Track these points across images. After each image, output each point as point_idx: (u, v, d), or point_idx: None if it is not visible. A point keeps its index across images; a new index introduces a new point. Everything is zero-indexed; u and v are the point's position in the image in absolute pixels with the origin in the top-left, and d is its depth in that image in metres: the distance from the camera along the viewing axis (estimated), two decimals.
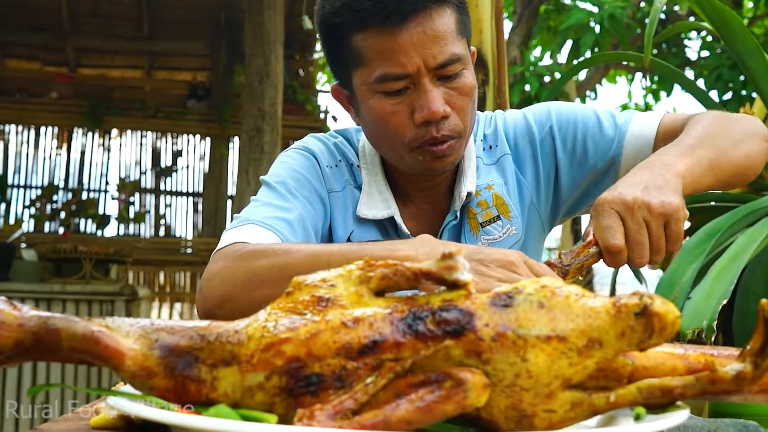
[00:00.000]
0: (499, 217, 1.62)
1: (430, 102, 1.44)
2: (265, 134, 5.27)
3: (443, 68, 1.45)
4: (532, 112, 1.70)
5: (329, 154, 1.69)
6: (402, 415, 0.73)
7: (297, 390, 0.76)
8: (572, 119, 1.64)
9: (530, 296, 0.79)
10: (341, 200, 1.64)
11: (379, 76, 1.45)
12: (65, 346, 0.78)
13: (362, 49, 1.46)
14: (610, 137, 1.60)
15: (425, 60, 1.43)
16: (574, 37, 7.16)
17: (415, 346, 0.77)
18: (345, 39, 1.48)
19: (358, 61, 1.48)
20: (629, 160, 1.57)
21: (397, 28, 1.41)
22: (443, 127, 1.47)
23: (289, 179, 1.60)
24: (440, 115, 1.45)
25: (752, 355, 0.78)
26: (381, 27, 1.42)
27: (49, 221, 9.23)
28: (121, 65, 9.81)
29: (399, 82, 1.45)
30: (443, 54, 1.44)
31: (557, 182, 1.66)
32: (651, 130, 1.58)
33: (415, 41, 1.42)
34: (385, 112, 1.48)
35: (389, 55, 1.43)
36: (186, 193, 9.88)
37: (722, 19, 2.34)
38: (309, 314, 0.80)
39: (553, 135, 1.64)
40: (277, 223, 1.48)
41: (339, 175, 1.66)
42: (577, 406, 0.78)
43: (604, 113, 1.64)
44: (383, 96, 1.47)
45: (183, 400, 0.79)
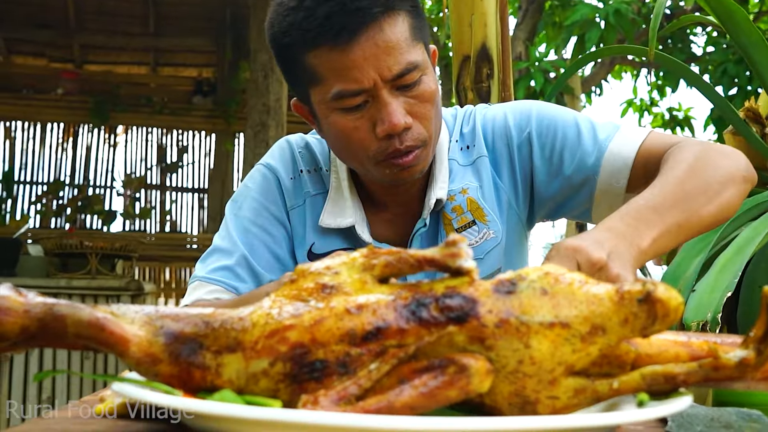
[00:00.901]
0: (475, 222, 1.58)
1: (390, 115, 1.40)
2: (270, 129, 5.27)
3: (400, 78, 1.40)
4: (512, 112, 1.64)
5: (292, 164, 1.67)
6: (405, 400, 0.73)
7: (301, 376, 0.77)
8: (552, 126, 1.58)
9: (533, 283, 0.79)
10: (301, 215, 1.63)
11: (336, 93, 1.41)
12: (70, 333, 0.78)
13: (316, 67, 1.42)
14: (588, 151, 1.54)
15: (380, 73, 1.39)
16: (579, 32, 7.14)
17: (419, 332, 0.77)
18: (298, 58, 1.44)
19: (314, 79, 1.44)
20: (605, 180, 1.52)
21: (348, 44, 1.37)
22: (406, 138, 1.43)
23: (246, 210, 1.62)
24: (402, 127, 1.41)
25: (755, 342, 0.78)
26: (332, 45, 1.38)
27: (55, 217, 9.26)
28: (127, 62, 9.83)
29: (356, 98, 1.41)
30: (398, 64, 1.39)
31: (533, 187, 1.61)
32: (631, 151, 1.50)
33: (367, 55, 1.38)
34: (346, 128, 1.44)
35: (343, 72, 1.39)
36: (191, 189, 9.90)
37: (727, 12, 2.33)
38: (313, 301, 0.80)
39: (531, 141, 1.59)
40: (220, 274, 1.55)
41: (299, 188, 1.65)
42: (580, 393, 0.79)
43: (586, 124, 1.57)
44: (342, 112, 1.44)
45: (188, 387, 0.80)
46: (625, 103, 11.04)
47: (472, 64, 2.92)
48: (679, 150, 1.43)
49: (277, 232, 1.61)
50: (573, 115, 1.61)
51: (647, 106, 10.96)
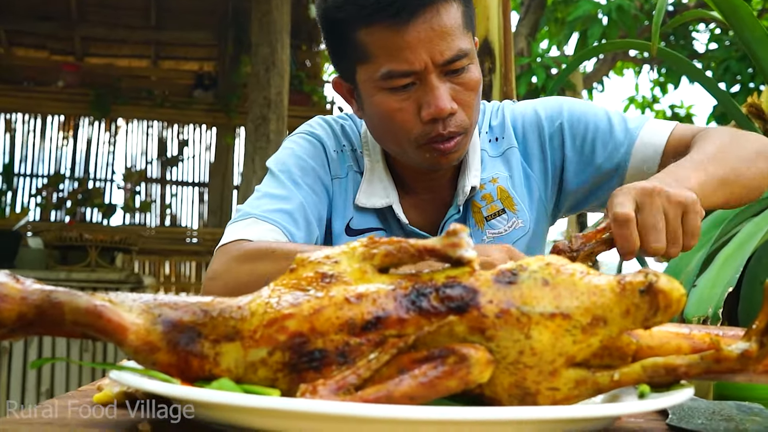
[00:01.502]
0: (504, 211, 1.60)
1: (437, 99, 1.42)
2: (271, 123, 5.27)
3: (450, 64, 1.42)
4: (543, 106, 1.68)
5: (335, 138, 1.68)
6: (405, 390, 0.73)
7: (300, 365, 0.76)
8: (584, 118, 1.62)
9: (535, 273, 0.78)
10: (343, 187, 1.64)
11: (385, 72, 1.43)
12: (68, 320, 0.78)
13: (367, 45, 1.43)
14: (619, 141, 1.58)
15: (432, 56, 1.40)
16: (581, 28, 7.13)
17: (419, 322, 0.77)
18: (349, 34, 1.45)
19: (363, 56, 1.45)
20: (636, 167, 1.56)
21: (404, 24, 1.38)
22: (450, 123, 1.45)
23: (293, 167, 1.60)
24: (447, 112, 1.43)
25: (758, 334, 0.77)
26: (388, 24, 1.39)
27: (55, 210, 9.25)
28: (128, 55, 9.82)
29: (405, 78, 1.43)
30: (450, 50, 1.41)
31: (563, 178, 1.64)
32: (661, 139, 1.55)
33: (422, 38, 1.39)
34: (391, 108, 1.46)
35: (396, 52, 1.41)
36: (192, 182, 9.90)
37: (731, 7, 2.33)
38: (312, 290, 0.79)
39: (563, 131, 1.62)
40: (279, 216, 1.51)
41: (343, 161, 1.66)
42: (581, 384, 0.78)
43: (616, 116, 1.62)
44: (389, 92, 1.45)
45: (186, 375, 0.79)
46: (627, 99, 11.03)
47: None
48: (709, 132, 1.48)
49: (322, 195, 1.61)
50: (603, 108, 1.65)
51: (649, 102, 10.95)
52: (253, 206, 1.53)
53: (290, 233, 1.50)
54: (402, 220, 1.59)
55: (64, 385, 5.18)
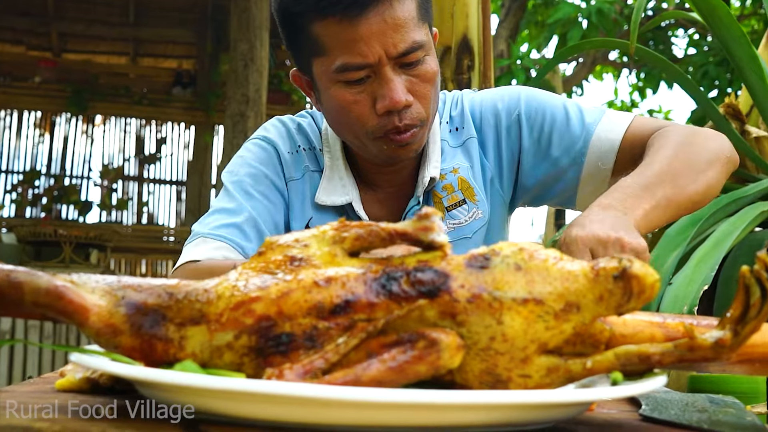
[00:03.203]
0: (465, 201, 1.60)
1: (392, 91, 1.41)
2: (249, 120, 5.24)
3: (405, 56, 1.42)
4: (501, 95, 1.67)
5: (289, 139, 1.67)
6: (373, 374, 0.71)
7: (267, 350, 0.74)
8: (541, 109, 1.61)
9: (507, 258, 0.77)
10: (300, 188, 1.63)
11: (340, 65, 1.42)
12: (28, 301, 0.75)
13: (322, 38, 1.43)
14: (576, 135, 1.57)
15: (386, 49, 1.40)
16: (561, 31, 7.14)
17: (389, 306, 0.75)
18: (304, 27, 1.45)
19: (318, 50, 1.45)
20: (592, 163, 1.56)
21: (357, 17, 1.38)
22: (406, 116, 1.44)
23: (245, 176, 1.61)
24: (402, 104, 1.42)
25: (732, 322, 0.76)
26: (341, 17, 1.39)
27: (30, 207, 9.17)
28: (107, 51, 9.75)
29: (360, 71, 1.42)
30: (404, 42, 1.41)
31: (519, 169, 1.63)
32: (618, 134, 1.54)
33: (375, 30, 1.39)
34: (346, 101, 1.45)
35: (349, 45, 1.40)
36: (170, 181, 9.84)
37: (709, 7, 2.33)
38: (281, 273, 0.78)
39: (520, 122, 1.61)
40: (227, 231, 1.52)
41: (298, 162, 1.65)
42: (553, 372, 0.77)
43: (573, 108, 1.61)
44: (344, 85, 1.44)
45: (149, 360, 0.77)
46: (605, 104, 11.08)
47: (453, 55, 2.91)
48: (666, 133, 1.47)
49: (276, 200, 1.61)
50: (561, 99, 1.64)
51: (628, 107, 11.00)
52: (203, 224, 1.55)
53: (241, 247, 1.51)
54: (362, 216, 1.59)
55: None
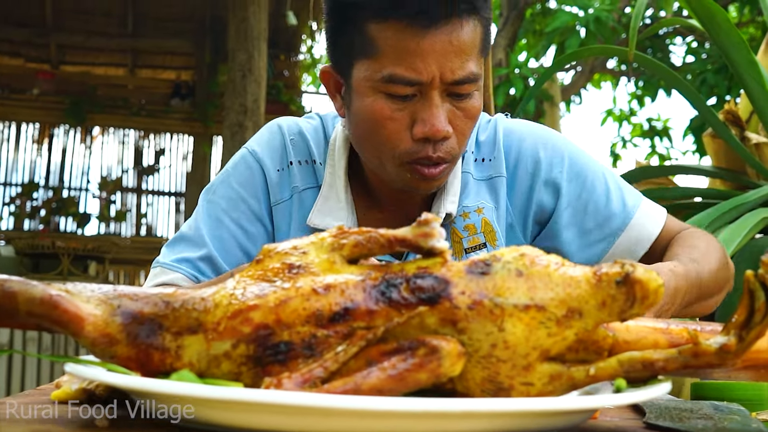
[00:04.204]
0: (486, 245, 1.50)
1: (434, 118, 1.31)
2: (248, 130, 5.23)
3: (457, 85, 1.31)
4: (544, 141, 1.55)
5: (281, 153, 1.54)
6: (373, 383, 0.70)
7: (265, 359, 0.74)
8: (582, 174, 1.52)
9: (508, 264, 0.76)
10: (286, 211, 1.51)
11: (388, 75, 1.30)
12: (22, 311, 0.75)
13: (377, 40, 1.30)
14: (614, 213, 1.51)
15: (442, 72, 1.29)
16: (559, 40, 7.15)
17: (389, 314, 0.74)
18: (358, 23, 1.32)
19: (367, 51, 1.32)
20: (625, 245, 1.50)
21: (423, 29, 1.27)
22: (441, 147, 1.34)
23: (221, 199, 1.51)
24: (442, 135, 1.32)
25: (737, 327, 0.75)
26: (406, 24, 1.27)
27: (28, 219, 9.14)
28: (105, 63, 9.74)
29: (408, 87, 1.30)
30: (463, 70, 1.30)
31: (545, 227, 1.54)
32: (657, 226, 1.50)
33: (437, 49, 1.28)
34: (383, 115, 1.33)
35: (406, 57, 1.29)
36: (168, 192, 9.83)
37: (708, 14, 2.33)
38: (279, 281, 0.77)
39: (559, 182, 1.51)
40: (184, 264, 1.45)
41: (287, 181, 1.52)
42: (555, 379, 0.76)
43: (614, 185, 1.53)
44: (385, 97, 1.33)
45: (146, 369, 0.76)
46: (604, 112, 11.08)
47: None
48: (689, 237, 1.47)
49: (253, 229, 1.50)
50: (601, 169, 1.55)
51: (626, 115, 11.00)
52: (167, 253, 1.48)
53: (196, 278, 1.44)
54: None
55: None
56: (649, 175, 3.18)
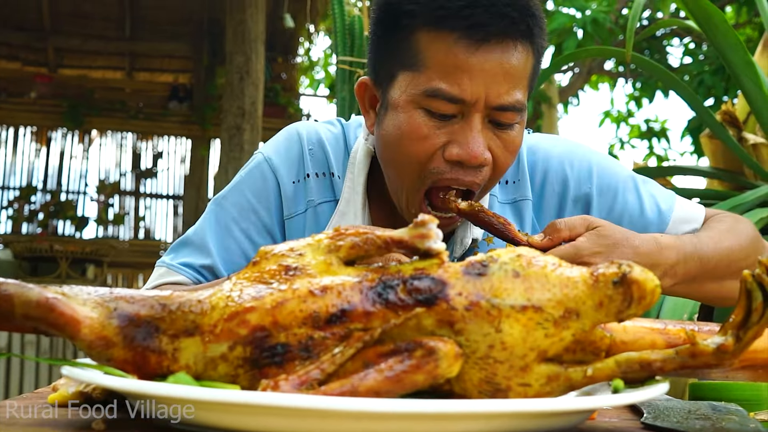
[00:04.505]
0: None
1: (473, 142, 1.23)
2: (245, 133, 5.23)
3: (502, 111, 1.24)
4: (570, 159, 1.48)
5: (298, 164, 1.46)
6: (370, 384, 0.70)
7: (262, 361, 0.73)
8: (613, 186, 1.47)
9: (505, 265, 0.76)
10: (300, 224, 1.45)
11: (432, 89, 1.23)
12: (18, 313, 0.74)
13: (424, 51, 1.24)
14: (650, 221, 1.45)
15: (488, 94, 1.22)
16: (556, 42, 7.15)
17: (386, 315, 0.74)
18: (408, 32, 1.26)
19: (414, 63, 1.25)
20: None
21: (475, 45, 1.21)
22: (475, 173, 1.26)
23: (231, 207, 1.46)
24: (479, 161, 1.24)
25: (734, 327, 0.75)
26: (458, 37, 1.21)
27: (26, 223, 9.14)
28: (102, 66, 9.75)
29: (450, 105, 1.23)
30: (510, 96, 1.24)
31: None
32: (692, 226, 1.45)
33: (487, 68, 1.21)
34: (419, 134, 1.25)
35: (453, 71, 1.22)
36: (166, 195, 9.83)
37: (705, 15, 2.33)
38: (275, 283, 0.76)
39: (590, 199, 1.46)
40: (189, 269, 1.42)
41: (302, 193, 1.45)
42: (553, 380, 0.76)
43: (646, 191, 1.48)
44: (425, 114, 1.25)
45: (143, 372, 0.76)
46: (602, 114, 11.08)
47: None
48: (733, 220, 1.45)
49: (261, 241, 1.44)
50: (632, 177, 1.50)
51: (624, 117, 11.01)
52: (172, 256, 1.45)
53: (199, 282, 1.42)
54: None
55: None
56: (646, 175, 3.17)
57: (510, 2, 1.22)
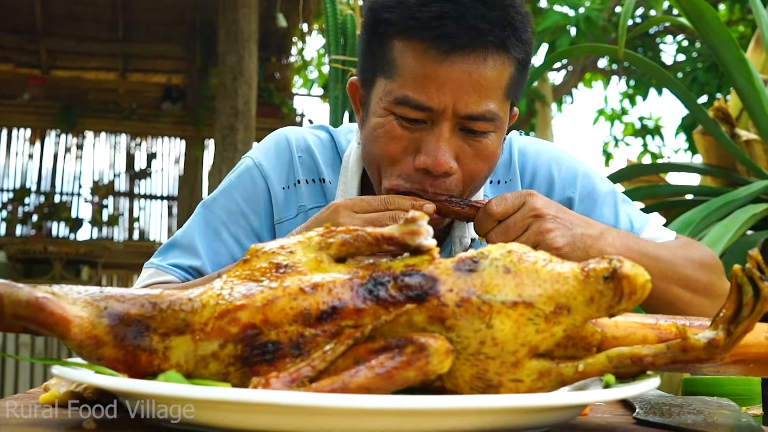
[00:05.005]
0: None
1: (439, 151, 1.25)
2: (239, 132, 5.22)
3: (471, 121, 1.26)
4: (558, 161, 1.53)
5: (288, 170, 1.49)
6: (361, 381, 0.70)
7: (252, 358, 0.73)
8: (593, 196, 1.51)
9: (496, 261, 0.76)
10: (292, 228, 1.43)
11: (401, 97, 1.26)
12: (8, 313, 0.74)
13: (396, 59, 1.27)
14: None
15: (456, 103, 1.24)
16: (550, 39, 7.15)
17: (376, 312, 0.74)
18: (384, 38, 1.30)
19: (388, 70, 1.29)
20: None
21: (443, 55, 1.23)
22: (440, 184, 1.28)
23: (221, 211, 1.47)
24: (443, 170, 1.26)
25: (725, 322, 0.75)
26: (426, 46, 1.24)
27: (20, 224, 9.12)
28: (95, 67, 9.74)
29: (419, 112, 1.26)
30: (478, 106, 1.25)
31: None
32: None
33: (455, 78, 1.24)
34: (390, 136, 1.29)
35: (421, 80, 1.25)
36: (160, 196, 9.81)
37: (698, 12, 2.33)
38: (266, 281, 0.76)
39: (571, 204, 1.48)
40: (179, 269, 1.44)
41: (292, 200, 1.47)
42: (544, 376, 0.76)
43: (623, 207, 1.52)
44: (396, 119, 1.28)
45: (134, 371, 0.76)
46: (596, 112, 11.09)
47: None
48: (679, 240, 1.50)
49: (249, 243, 1.42)
50: (613, 192, 1.55)
51: (618, 115, 11.01)
52: (160, 258, 1.46)
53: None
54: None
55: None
56: (640, 173, 3.18)
57: (481, 14, 1.24)
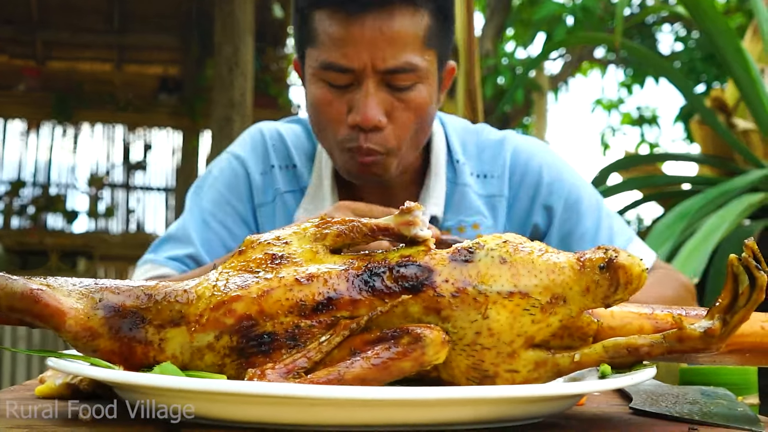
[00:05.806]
0: None
1: (365, 107, 1.32)
2: (235, 124, 5.21)
3: (392, 75, 1.33)
4: (548, 169, 1.56)
5: (264, 157, 1.57)
6: (357, 372, 0.70)
7: (248, 350, 0.73)
8: (577, 207, 1.54)
9: (492, 251, 0.75)
10: (270, 213, 1.54)
11: (324, 63, 1.34)
12: (2, 306, 0.74)
13: (316, 29, 1.35)
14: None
15: (373, 60, 1.31)
16: (546, 29, 7.14)
17: (372, 303, 0.74)
18: (305, 13, 1.38)
19: (311, 40, 1.37)
20: None
21: (352, 17, 1.30)
22: (372, 138, 1.35)
23: (207, 203, 1.54)
24: (372, 124, 1.33)
25: (721, 311, 0.75)
26: (336, 11, 1.32)
27: (17, 216, 9.10)
28: (91, 58, 9.69)
29: (343, 75, 1.34)
30: (395, 59, 1.32)
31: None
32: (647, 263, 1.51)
33: (367, 37, 1.30)
34: (323, 101, 1.37)
35: (338, 44, 1.32)
36: (157, 188, 9.80)
37: (694, 1, 2.33)
38: (262, 272, 0.76)
39: (554, 210, 1.53)
40: (174, 262, 1.50)
41: (269, 184, 1.55)
42: (540, 366, 0.76)
43: (606, 222, 1.55)
44: (325, 85, 1.36)
45: (129, 363, 0.76)
46: (594, 102, 11.07)
47: None
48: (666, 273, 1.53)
49: (238, 230, 1.53)
50: (597, 205, 1.57)
51: (615, 104, 11.00)
52: (155, 253, 1.52)
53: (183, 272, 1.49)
54: None
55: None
56: (637, 163, 3.18)
57: None
